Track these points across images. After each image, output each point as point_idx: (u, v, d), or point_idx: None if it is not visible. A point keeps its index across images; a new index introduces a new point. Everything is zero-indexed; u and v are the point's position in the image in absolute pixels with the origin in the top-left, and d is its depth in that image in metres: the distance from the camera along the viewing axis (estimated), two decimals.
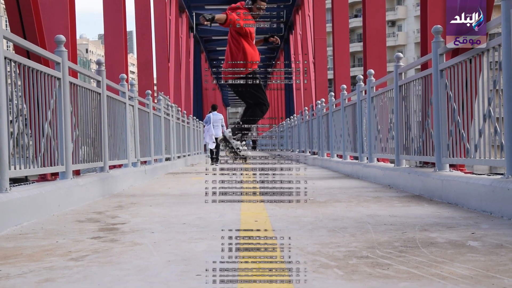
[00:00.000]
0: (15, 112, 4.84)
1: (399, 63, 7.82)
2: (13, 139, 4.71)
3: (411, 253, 2.99)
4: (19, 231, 4.10)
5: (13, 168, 4.64)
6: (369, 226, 4.00)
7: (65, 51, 6.11)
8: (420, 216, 4.48)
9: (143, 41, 20.34)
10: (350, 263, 2.77)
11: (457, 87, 5.67)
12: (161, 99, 14.29)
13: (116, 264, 2.89)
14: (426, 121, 6.66)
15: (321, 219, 4.45)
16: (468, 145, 5.47)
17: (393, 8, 73.42)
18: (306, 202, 5.79)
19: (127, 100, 9.36)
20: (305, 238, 3.53)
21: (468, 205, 4.94)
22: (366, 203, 5.53)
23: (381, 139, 8.88)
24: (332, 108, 13.52)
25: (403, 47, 72.64)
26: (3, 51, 4.43)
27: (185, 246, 3.35)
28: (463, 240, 3.34)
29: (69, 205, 5.56)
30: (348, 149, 11.61)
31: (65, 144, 5.93)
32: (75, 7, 9.08)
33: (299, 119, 20.90)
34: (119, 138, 8.73)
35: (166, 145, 14.27)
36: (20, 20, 7.22)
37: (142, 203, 6.06)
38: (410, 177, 6.73)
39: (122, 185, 8.04)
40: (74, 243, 3.57)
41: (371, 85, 9.40)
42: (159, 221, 4.56)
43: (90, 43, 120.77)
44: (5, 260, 3.05)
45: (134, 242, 3.55)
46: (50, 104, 5.67)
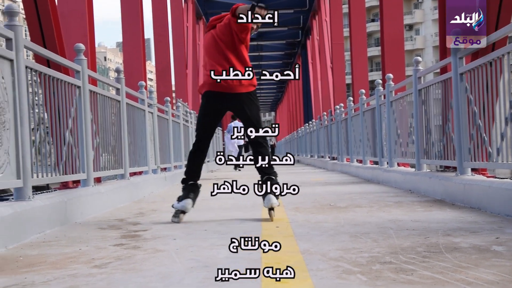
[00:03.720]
0: (37, 120, 4.88)
1: (418, 67, 7.77)
2: (35, 147, 4.75)
3: (435, 258, 2.96)
4: (43, 239, 4.13)
5: (36, 176, 4.68)
6: (391, 231, 3.98)
7: (84, 59, 6.15)
8: (442, 221, 4.44)
9: (161, 48, 20.41)
10: (373, 269, 2.75)
11: (478, 91, 5.63)
12: (180, 105, 14.34)
13: (139, 271, 2.90)
14: (446, 125, 6.61)
15: (343, 224, 4.43)
16: (490, 149, 5.42)
17: (410, 12, 73.18)
18: (326, 207, 5.77)
19: (146, 107, 9.40)
20: (327, 244, 3.51)
21: (492, 210, 4.89)
22: (388, 208, 5.50)
23: (401, 144, 8.83)
24: (350, 113, 13.48)
25: (421, 51, 72.36)
26: (24, 60, 4.47)
27: (207, 253, 3.35)
28: (488, 245, 3.31)
29: (91, 212, 5.59)
30: (368, 154, 11.56)
31: (86, 152, 5.97)
32: (93, 16, 9.15)
33: (317, 124, 20.86)
34: (139, 145, 8.76)
35: (186, 152, 14.30)
36: (40, 29, 7.30)
37: (163, 209, 6.08)
38: (432, 181, 6.68)
39: (143, 192, 8.07)
40: (97, 250, 3.58)
41: (390, 89, 9.36)
42: (180, 227, 4.57)
43: (108, 51, 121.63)
44: (30, 268, 3.07)
45: (156, 249, 3.56)
46: (71, 112, 5.71)
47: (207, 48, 5.20)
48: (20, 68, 4.38)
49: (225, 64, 5.03)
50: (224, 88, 5.04)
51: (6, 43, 4.38)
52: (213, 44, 5.13)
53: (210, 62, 5.12)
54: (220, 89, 5.06)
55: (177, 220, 4.95)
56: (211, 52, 5.14)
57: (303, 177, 12.55)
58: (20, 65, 4.39)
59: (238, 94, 5.06)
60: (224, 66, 5.00)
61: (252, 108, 5.11)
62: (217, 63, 5.07)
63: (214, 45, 5.13)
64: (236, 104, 5.11)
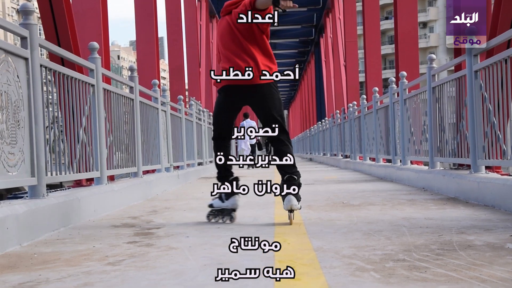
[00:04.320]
0: (51, 118, 4.91)
1: (432, 65, 7.74)
2: (49, 145, 4.78)
3: (449, 256, 2.95)
4: (57, 236, 4.16)
5: (50, 174, 4.70)
6: (405, 229, 3.96)
7: (98, 57, 6.17)
8: (456, 219, 4.43)
9: (174, 47, 20.47)
10: (386, 267, 2.74)
11: (492, 88, 5.60)
12: (193, 104, 14.37)
13: (152, 268, 2.91)
14: (460, 123, 6.58)
15: (356, 222, 4.42)
16: (504, 147, 5.39)
17: (425, 9, 72.81)
18: (339, 205, 5.76)
19: (160, 106, 9.42)
20: (340, 242, 3.51)
21: (506, 208, 4.87)
22: (401, 206, 5.48)
23: (414, 142, 8.79)
24: (364, 111, 13.45)
25: (434, 49, 71.99)
26: (39, 58, 4.50)
27: (220, 250, 3.35)
28: (502, 243, 3.29)
29: (104, 210, 5.62)
30: (381, 152, 11.53)
31: (99, 150, 6.00)
32: (107, 14, 9.19)
33: (330, 123, 20.83)
34: (152, 144, 8.79)
35: (199, 150, 14.34)
36: (54, 28, 7.34)
37: (176, 207, 6.09)
38: (445, 179, 6.66)
39: (156, 190, 8.10)
40: (111, 247, 3.60)
41: (403, 87, 9.33)
42: (193, 225, 4.58)
43: (121, 50, 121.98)
44: (44, 265, 3.09)
45: (169, 246, 3.57)
46: (85, 110, 5.74)
47: (222, 37, 4.66)
48: (35, 67, 4.41)
49: (244, 56, 4.51)
50: (243, 80, 4.48)
51: (21, 41, 4.41)
52: (229, 32, 4.60)
53: (226, 54, 4.60)
54: (238, 82, 4.52)
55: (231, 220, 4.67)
56: (227, 42, 4.61)
57: (316, 175, 12.53)
58: (35, 63, 4.42)
59: (258, 86, 4.52)
60: (244, 59, 4.50)
61: (273, 101, 4.55)
62: (235, 54, 4.54)
63: (230, 34, 4.59)
64: (256, 98, 4.56)
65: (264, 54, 4.55)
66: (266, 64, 4.52)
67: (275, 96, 4.58)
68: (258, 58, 4.50)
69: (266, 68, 4.51)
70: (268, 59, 4.56)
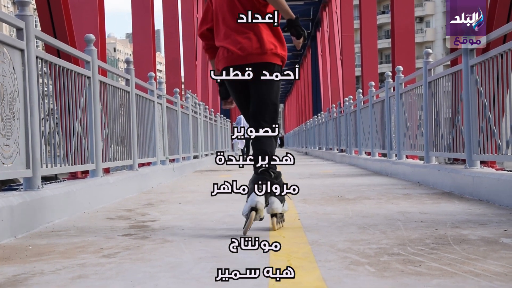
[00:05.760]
0: (46, 110, 4.90)
1: (428, 59, 7.74)
2: (44, 137, 4.77)
3: (443, 250, 2.96)
4: (51, 228, 4.15)
5: (45, 166, 4.70)
6: (400, 223, 3.97)
7: (94, 50, 6.16)
8: (451, 213, 4.44)
9: (170, 40, 20.44)
10: (381, 260, 2.75)
11: (488, 83, 5.60)
12: (189, 97, 14.35)
13: (147, 261, 2.91)
14: (456, 118, 6.59)
15: (351, 216, 4.43)
16: (499, 142, 5.40)
17: (421, 4, 72.79)
18: (335, 199, 5.77)
19: (156, 98, 9.41)
20: (335, 235, 3.51)
21: (500, 202, 4.88)
22: (396, 200, 5.49)
23: (410, 136, 8.80)
24: (360, 105, 13.45)
25: (431, 43, 72.01)
26: (35, 50, 4.48)
27: (216, 243, 3.36)
28: (496, 237, 3.30)
29: (99, 202, 5.61)
30: (377, 146, 11.54)
31: (95, 142, 5.99)
32: (104, 7, 9.16)
33: (326, 117, 20.83)
34: (148, 136, 8.79)
35: (194, 143, 14.33)
36: (50, 19, 7.30)
37: (172, 200, 6.09)
38: (440, 174, 6.67)
39: (151, 183, 8.10)
40: (106, 240, 3.60)
41: (399, 81, 9.33)
42: (188, 218, 4.58)
43: (117, 42, 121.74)
44: (39, 257, 3.08)
45: (164, 239, 3.57)
46: (80, 102, 5.73)
47: (220, 8, 3.95)
48: (30, 58, 4.39)
49: (247, 31, 3.81)
50: (243, 58, 3.80)
51: (17, 33, 4.40)
52: (229, 4, 3.91)
53: (227, 32, 3.88)
54: (239, 62, 3.80)
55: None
56: (226, 17, 3.90)
57: (312, 169, 12.54)
58: (31, 55, 4.40)
59: (259, 64, 3.80)
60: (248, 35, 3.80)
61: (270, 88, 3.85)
62: (236, 31, 3.84)
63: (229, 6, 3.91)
64: (253, 78, 3.80)
65: (270, 28, 3.86)
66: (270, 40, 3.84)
67: (275, 84, 3.88)
68: (262, 32, 3.80)
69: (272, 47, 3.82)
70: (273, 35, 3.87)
